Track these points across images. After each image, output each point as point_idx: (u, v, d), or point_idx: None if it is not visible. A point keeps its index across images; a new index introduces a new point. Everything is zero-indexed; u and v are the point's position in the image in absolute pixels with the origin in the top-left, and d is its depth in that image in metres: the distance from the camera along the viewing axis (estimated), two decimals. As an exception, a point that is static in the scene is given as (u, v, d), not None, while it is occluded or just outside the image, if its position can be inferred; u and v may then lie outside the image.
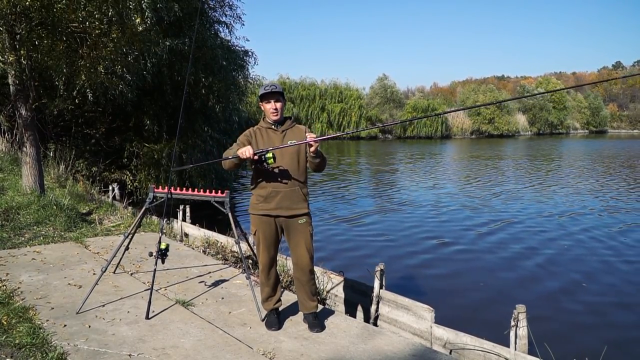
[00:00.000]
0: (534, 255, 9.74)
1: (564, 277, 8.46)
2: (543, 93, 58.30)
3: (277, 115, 3.82)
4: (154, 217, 8.26)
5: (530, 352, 3.78)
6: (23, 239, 6.57)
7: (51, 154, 12.68)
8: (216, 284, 5.06)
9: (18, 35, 7.53)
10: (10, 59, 7.52)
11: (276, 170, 3.77)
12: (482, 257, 9.62)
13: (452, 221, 12.87)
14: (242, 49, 16.31)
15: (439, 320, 4.37)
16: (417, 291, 7.36)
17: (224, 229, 7.28)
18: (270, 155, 3.61)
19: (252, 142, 3.82)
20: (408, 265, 9.06)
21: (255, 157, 3.61)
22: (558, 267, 9.02)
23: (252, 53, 16.48)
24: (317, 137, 3.62)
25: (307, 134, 3.68)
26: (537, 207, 14.84)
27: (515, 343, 3.79)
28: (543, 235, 11.28)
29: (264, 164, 3.67)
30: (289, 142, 3.77)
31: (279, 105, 3.81)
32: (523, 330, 3.80)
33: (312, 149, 3.65)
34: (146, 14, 8.04)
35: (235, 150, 3.70)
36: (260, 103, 3.88)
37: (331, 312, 4.39)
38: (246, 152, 3.59)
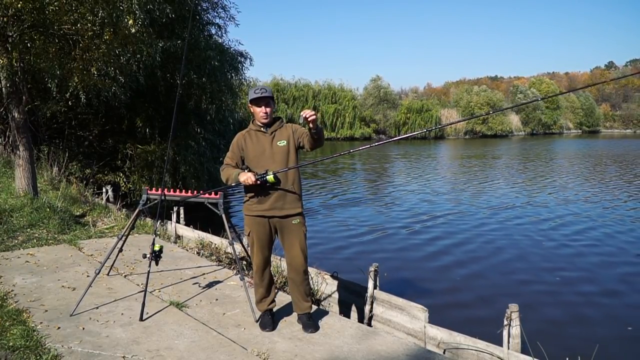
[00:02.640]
0: (525, 253, 9.81)
1: (555, 274, 8.51)
2: (549, 97, 58.26)
3: (267, 118, 3.85)
4: (148, 219, 8.24)
5: (523, 350, 3.80)
6: (16, 241, 6.54)
7: (44, 157, 12.62)
8: (210, 285, 5.06)
9: (10, 38, 7.50)
10: (2, 61, 7.49)
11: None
12: (475, 256, 9.68)
13: (444, 220, 12.91)
14: (237, 50, 16.32)
15: (433, 320, 4.39)
16: (411, 291, 7.39)
17: (218, 231, 7.27)
18: (271, 178, 3.66)
19: (242, 147, 3.88)
20: (401, 265, 9.09)
21: (258, 182, 3.68)
22: (549, 263, 9.08)
23: (247, 54, 16.50)
24: (317, 121, 3.57)
25: (302, 113, 3.56)
26: (523, 207, 14.94)
27: (509, 342, 3.81)
28: (533, 233, 11.35)
29: (266, 183, 3.72)
30: (285, 154, 3.83)
31: (268, 109, 3.84)
32: (516, 330, 3.82)
33: (312, 125, 3.57)
34: (137, 15, 8.03)
35: (236, 175, 3.76)
36: (250, 106, 3.90)
37: (325, 313, 4.40)
38: (248, 180, 3.66)
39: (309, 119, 3.47)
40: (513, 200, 16.19)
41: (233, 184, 3.79)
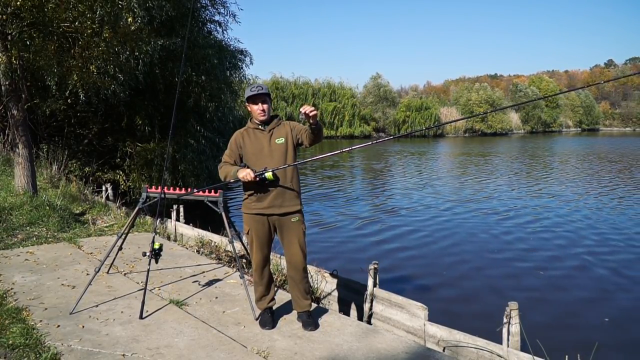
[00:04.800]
0: (525, 250, 9.81)
1: (553, 272, 8.52)
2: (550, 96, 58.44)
3: (264, 116, 3.85)
4: (148, 217, 8.24)
5: (523, 348, 3.80)
6: (16, 239, 6.54)
7: (43, 155, 12.61)
8: (210, 283, 5.06)
9: (9, 36, 7.49)
10: (1, 59, 7.48)
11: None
12: (475, 253, 9.67)
13: (444, 218, 12.91)
14: (236, 48, 16.26)
15: (432, 317, 4.39)
16: (411, 289, 7.39)
17: (218, 229, 7.28)
18: (270, 176, 3.67)
19: (241, 145, 3.89)
20: (401, 262, 9.08)
21: (257, 179, 3.68)
22: (548, 261, 9.08)
23: (247, 52, 16.44)
24: (316, 115, 3.55)
25: (301, 109, 3.58)
26: (521, 204, 14.96)
27: (508, 340, 3.81)
28: (534, 231, 11.36)
29: (265, 180, 3.73)
30: (283, 152, 3.83)
31: (265, 106, 3.84)
32: (515, 327, 3.82)
33: (312, 120, 3.56)
34: (136, 12, 8.02)
35: (234, 171, 3.75)
36: (247, 104, 3.89)
37: (325, 311, 4.40)
38: (247, 176, 3.66)
39: (310, 115, 3.47)
40: (509, 197, 16.23)
41: (232, 181, 3.79)
